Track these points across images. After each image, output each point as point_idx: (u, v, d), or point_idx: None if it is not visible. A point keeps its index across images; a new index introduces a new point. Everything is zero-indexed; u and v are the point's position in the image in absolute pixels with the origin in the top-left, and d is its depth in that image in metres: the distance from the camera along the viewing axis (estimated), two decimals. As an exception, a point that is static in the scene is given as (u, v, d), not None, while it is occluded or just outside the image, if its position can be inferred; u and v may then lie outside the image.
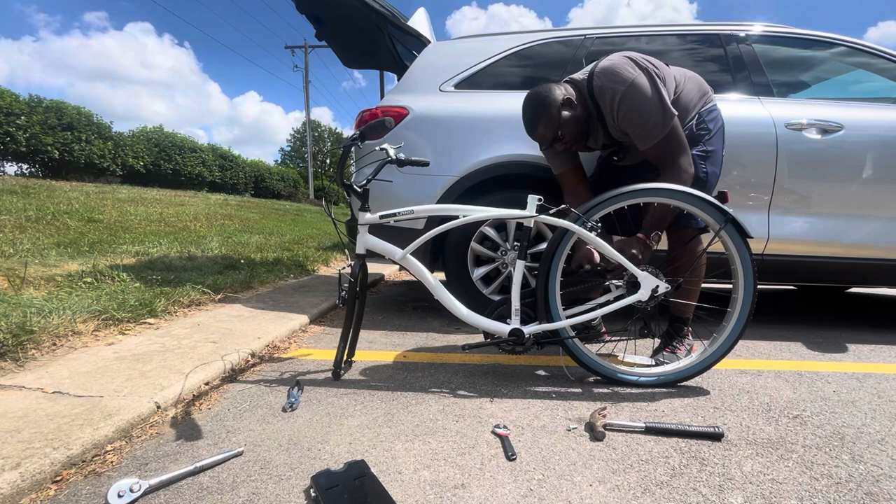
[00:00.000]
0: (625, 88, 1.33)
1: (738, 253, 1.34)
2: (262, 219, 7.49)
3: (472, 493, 0.86)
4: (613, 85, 1.35)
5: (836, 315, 2.65)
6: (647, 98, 1.33)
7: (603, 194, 1.33)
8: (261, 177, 20.65)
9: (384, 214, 1.40)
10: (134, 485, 0.83)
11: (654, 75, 1.35)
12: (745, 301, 1.36)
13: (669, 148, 1.36)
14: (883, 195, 2.00)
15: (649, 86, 1.33)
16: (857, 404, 1.29)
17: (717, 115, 1.51)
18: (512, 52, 2.22)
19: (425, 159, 1.50)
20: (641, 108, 1.33)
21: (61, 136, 10.79)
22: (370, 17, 2.33)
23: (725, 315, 1.41)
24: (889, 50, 2.12)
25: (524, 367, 1.56)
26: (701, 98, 1.49)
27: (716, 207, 1.32)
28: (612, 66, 1.38)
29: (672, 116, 1.34)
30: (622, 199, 1.34)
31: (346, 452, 1.00)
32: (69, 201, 5.28)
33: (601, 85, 1.38)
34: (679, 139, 1.37)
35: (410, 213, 1.39)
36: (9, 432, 0.95)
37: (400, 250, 1.42)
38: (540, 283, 1.36)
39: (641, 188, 1.31)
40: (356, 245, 1.44)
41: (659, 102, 1.33)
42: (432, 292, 1.42)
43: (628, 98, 1.34)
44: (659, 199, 1.34)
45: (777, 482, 0.90)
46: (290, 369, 1.52)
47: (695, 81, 1.51)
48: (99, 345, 1.53)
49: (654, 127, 1.34)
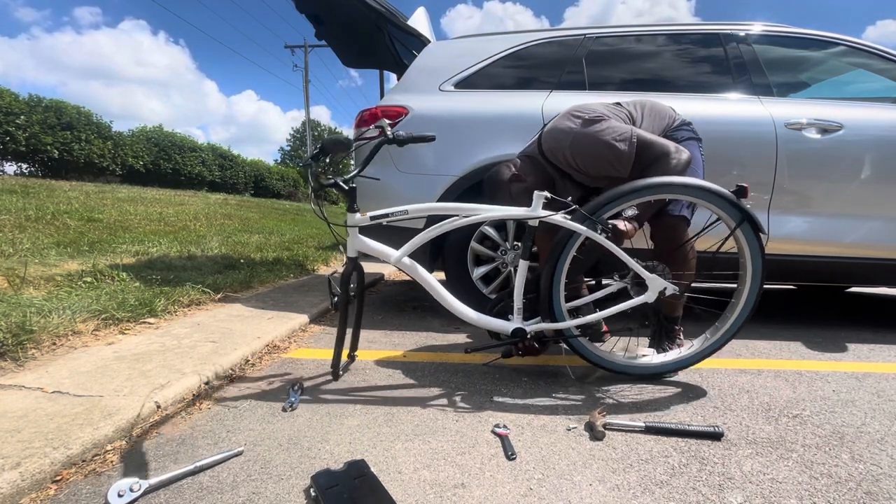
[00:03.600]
0: (571, 141, 1.37)
1: (750, 248, 1.33)
2: (261, 218, 7.49)
3: (472, 492, 0.86)
4: (559, 143, 1.41)
5: (836, 315, 2.65)
6: (594, 138, 1.34)
7: (611, 191, 1.27)
8: (260, 176, 20.65)
9: (375, 215, 1.33)
10: (134, 484, 0.83)
11: (593, 118, 1.38)
12: (750, 294, 1.36)
13: (651, 151, 1.33)
14: (882, 195, 2.00)
15: (591, 128, 1.36)
16: (856, 404, 1.30)
17: (687, 131, 1.52)
18: (512, 52, 2.22)
19: (430, 134, 1.42)
20: (597, 149, 1.35)
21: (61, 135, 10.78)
22: (370, 17, 2.33)
23: (729, 305, 1.42)
24: (889, 49, 2.12)
25: (524, 367, 1.56)
26: (666, 121, 1.51)
27: (733, 204, 1.27)
28: (553, 128, 1.44)
29: (630, 134, 1.32)
30: (633, 197, 1.27)
31: (346, 452, 1.00)
32: (69, 201, 5.27)
33: (550, 148, 1.44)
34: (651, 141, 1.34)
35: (404, 213, 1.32)
36: (9, 432, 0.95)
37: (395, 252, 1.36)
38: (544, 285, 1.34)
39: (653, 183, 1.24)
40: (347, 247, 1.38)
41: (607, 134, 1.33)
42: (432, 294, 1.38)
43: (580, 148, 1.37)
44: (672, 195, 1.29)
45: (777, 481, 0.91)
46: (290, 369, 1.52)
47: (653, 111, 1.52)
48: (99, 344, 1.53)
49: (619, 157, 1.33)
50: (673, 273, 1.37)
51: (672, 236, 1.45)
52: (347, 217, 1.35)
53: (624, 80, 2.18)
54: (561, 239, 1.32)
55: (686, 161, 1.33)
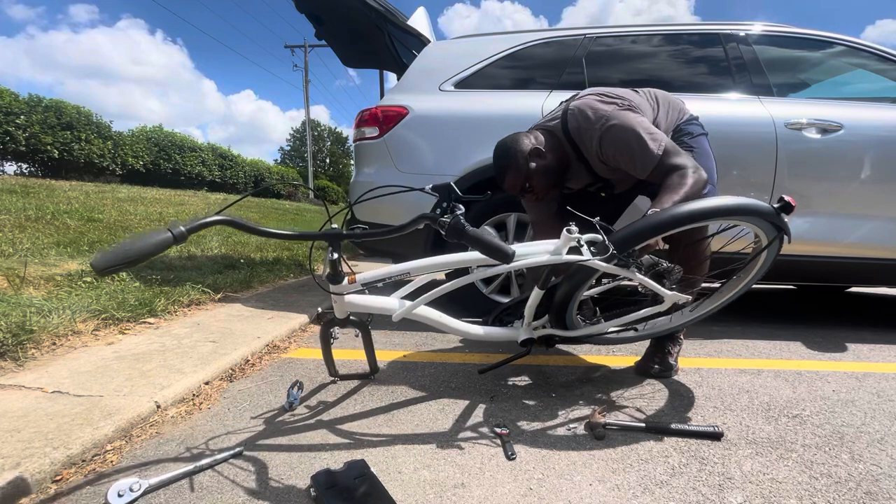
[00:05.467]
0: (605, 125, 1.29)
1: (768, 257, 1.27)
2: (261, 218, 7.49)
3: (472, 492, 0.86)
4: (590, 124, 1.31)
5: (836, 315, 2.65)
6: (631, 129, 1.27)
7: (650, 221, 1.08)
8: (260, 176, 20.62)
9: (367, 281, 1.13)
10: (134, 484, 0.83)
11: (627, 106, 1.33)
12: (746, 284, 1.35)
13: (672, 161, 1.25)
14: (882, 195, 2.00)
15: (629, 116, 1.29)
16: (856, 403, 1.30)
17: (697, 126, 1.50)
18: (512, 52, 2.22)
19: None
20: (628, 140, 1.27)
21: (61, 135, 10.76)
22: (370, 17, 2.33)
23: (715, 292, 1.41)
24: (888, 49, 2.12)
25: (524, 367, 1.56)
26: (678, 115, 1.49)
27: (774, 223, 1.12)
28: (586, 106, 1.34)
29: (661, 137, 1.27)
30: (671, 227, 1.08)
31: (346, 452, 1.00)
32: (69, 201, 5.27)
33: (577, 127, 1.34)
34: (677, 150, 1.28)
35: (406, 273, 1.14)
36: (9, 432, 0.95)
37: (399, 306, 1.17)
38: (559, 303, 1.24)
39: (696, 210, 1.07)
40: (335, 309, 1.19)
41: (643, 129, 1.27)
42: (441, 328, 1.27)
43: (610, 134, 1.29)
44: (718, 219, 1.12)
45: (777, 481, 0.91)
46: (290, 369, 1.52)
47: (667, 102, 1.51)
48: (99, 344, 1.53)
49: (645, 156, 1.25)
50: (688, 275, 1.28)
51: (695, 237, 1.35)
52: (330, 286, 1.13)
53: (624, 80, 2.18)
54: (584, 268, 1.14)
55: (704, 182, 1.22)
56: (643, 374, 1.48)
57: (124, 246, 0.81)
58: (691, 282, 1.29)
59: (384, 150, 2.15)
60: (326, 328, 1.27)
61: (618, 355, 1.66)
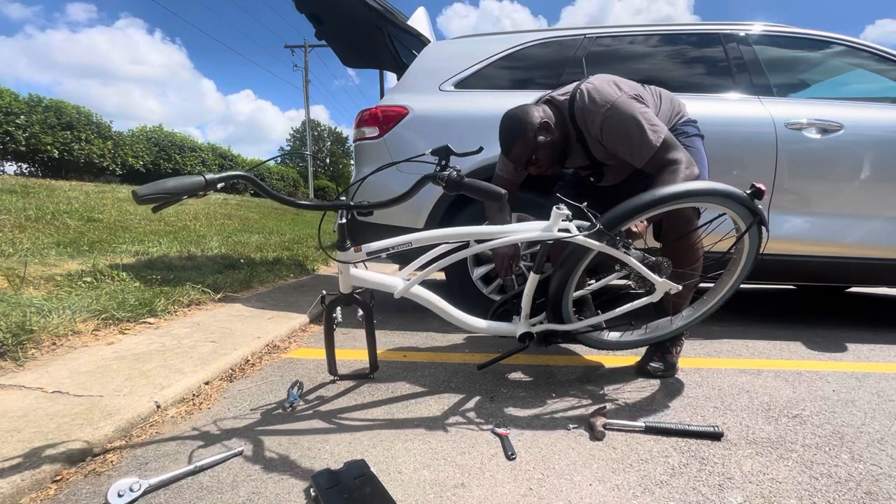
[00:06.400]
0: (608, 109, 1.30)
1: (750, 248, 1.33)
2: (261, 218, 7.48)
3: (472, 492, 0.86)
4: (596, 107, 1.32)
5: (836, 315, 2.65)
6: (633, 117, 1.28)
7: (632, 203, 1.16)
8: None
9: (373, 250, 1.20)
10: (134, 484, 0.83)
11: (637, 96, 1.34)
12: (734, 283, 1.39)
13: (668, 155, 1.28)
14: (882, 195, 2.00)
15: (633, 105, 1.31)
16: (856, 404, 1.30)
17: (694, 127, 1.52)
18: (512, 52, 2.22)
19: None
20: (628, 128, 1.29)
21: (61, 135, 10.76)
22: (370, 17, 2.33)
23: (709, 291, 1.44)
24: (888, 49, 2.12)
25: (524, 367, 1.56)
26: (677, 115, 1.51)
27: (747, 207, 1.22)
28: (594, 88, 1.35)
29: (662, 129, 1.29)
30: (655, 208, 1.17)
31: (346, 452, 1.00)
32: (69, 201, 5.27)
33: (583, 107, 1.35)
34: (675, 144, 1.30)
35: (407, 244, 1.19)
36: (9, 432, 0.95)
37: (400, 283, 1.24)
38: (554, 293, 1.28)
39: (676, 192, 1.16)
40: (340, 283, 1.25)
41: (645, 119, 1.28)
42: (440, 314, 1.31)
43: (612, 119, 1.30)
44: (694, 202, 1.23)
45: (777, 481, 0.91)
46: (290, 369, 1.52)
47: (669, 101, 1.52)
48: (99, 344, 1.53)
49: (643, 145, 1.28)
50: (683, 269, 1.32)
51: (684, 229, 1.38)
52: (337, 253, 1.20)
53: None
54: (576, 251, 1.23)
55: (695, 178, 1.27)
56: (643, 373, 1.48)
57: (165, 182, 0.91)
58: (683, 275, 1.32)
59: (384, 150, 2.15)
60: (330, 309, 1.30)
61: (618, 355, 1.66)
